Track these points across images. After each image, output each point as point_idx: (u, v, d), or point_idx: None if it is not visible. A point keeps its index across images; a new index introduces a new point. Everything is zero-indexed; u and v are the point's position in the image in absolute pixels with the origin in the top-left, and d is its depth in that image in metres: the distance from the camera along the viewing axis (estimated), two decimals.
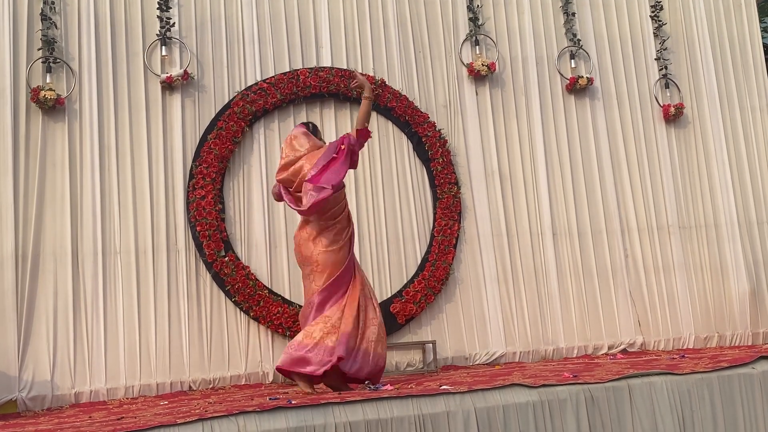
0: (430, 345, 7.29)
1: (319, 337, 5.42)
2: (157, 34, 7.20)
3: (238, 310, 7.01)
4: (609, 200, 8.35)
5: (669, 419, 4.96)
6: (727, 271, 8.54)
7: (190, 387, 6.71)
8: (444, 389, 4.78)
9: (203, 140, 7.14)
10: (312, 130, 5.89)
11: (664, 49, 8.88)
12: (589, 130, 8.47)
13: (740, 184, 8.83)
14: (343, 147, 5.56)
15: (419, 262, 7.64)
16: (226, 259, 6.94)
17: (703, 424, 5.04)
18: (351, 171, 7.47)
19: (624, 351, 7.93)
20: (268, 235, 7.17)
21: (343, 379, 5.57)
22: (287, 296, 7.09)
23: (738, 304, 8.43)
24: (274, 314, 6.94)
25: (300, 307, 6.62)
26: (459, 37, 8.24)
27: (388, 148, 7.80)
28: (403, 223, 7.70)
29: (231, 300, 6.98)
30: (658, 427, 4.92)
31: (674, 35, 9.02)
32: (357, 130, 5.66)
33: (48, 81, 6.72)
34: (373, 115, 7.76)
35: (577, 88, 8.41)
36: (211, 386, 6.76)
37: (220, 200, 7.07)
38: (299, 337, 5.51)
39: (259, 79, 7.46)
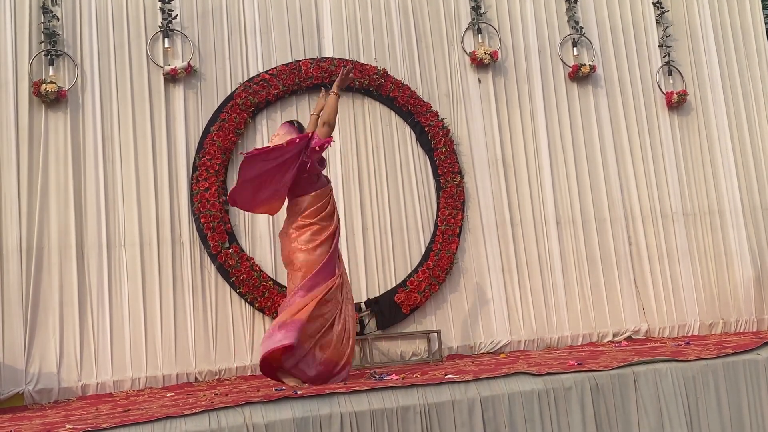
0: (435, 334, 7.30)
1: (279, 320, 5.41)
2: (159, 26, 7.19)
3: (242, 301, 7.02)
4: (612, 188, 8.35)
5: (674, 406, 4.97)
6: (732, 258, 8.53)
7: (196, 378, 6.73)
8: (449, 378, 4.80)
9: (206, 132, 7.14)
10: (298, 126, 5.83)
11: (666, 36, 8.85)
12: (592, 117, 8.46)
13: (744, 170, 8.82)
14: (284, 144, 5.50)
15: (423, 251, 7.64)
16: (231, 250, 6.95)
17: (707, 410, 5.06)
18: (353, 164, 7.53)
19: (629, 338, 7.94)
20: (271, 227, 7.17)
21: (275, 369, 5.51)
22: None
23: (743, 290, 8.43)
24: (279, 305, 6.94)
25: None
26: (461, 26, 8.21)
27: (391, 138, 7.79)
28: (407, 213, 7.70)
29: (236, 291, 6.99)
30: (663, 414, 4.94)
31: (677, 22, 8.99)
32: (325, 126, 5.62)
33: (50, 73, 6.72)
34: (376, 104, 7.78)
35: (580, 75, 8.39)
36: (217, 377, 6.78)
37: (223, 192, 7.07)
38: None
39: (261, 70, 7.46)
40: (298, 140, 5.49)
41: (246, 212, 7.15)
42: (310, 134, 5.59)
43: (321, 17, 7.81)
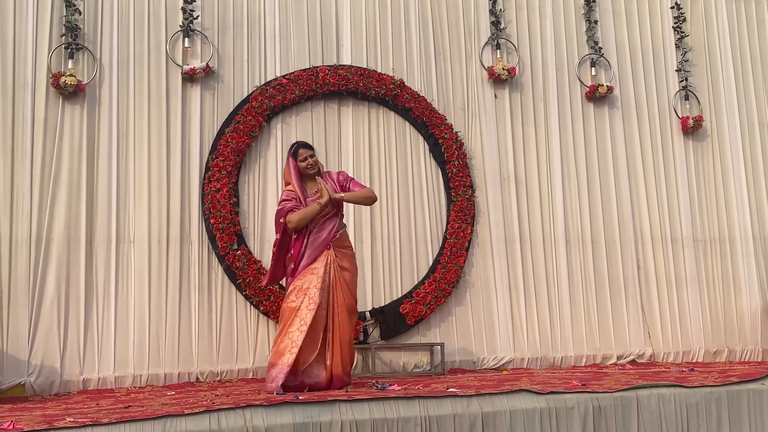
0: (438, 347, 7.28)
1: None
2: (180, 26, 7.22)
3: (248, 303, 7.03)
4: (623, 210, 8.32)
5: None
6: (740, 287, 8.48)
7: (197, 378, 6.73)
8: (451, 392, 4.77)
9: (221, 133, 7.16)
10: (293, 153, 5.81)
11: (685, 61, 8.83)
12: (606, 138, 8.44)
13: (756, 199, 8.76)
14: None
15: (431, 263, 7.63)
16: (239, 252, 6.96)
17: None
18: (364, 173, 7.55)
19: (633, 362, 7.89)
20: None
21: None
22: None
23: (749, 319, 8.37)
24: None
25: None
26: (480, 40, 8.22)
27: (404, 149, 7.80)
28: (417, 224, 7.69)
29: (242, 293, 7.00)
30: None
31: (696, 47, 8.97)
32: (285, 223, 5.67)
33: (69, 67, 6.75)
34: (391, 114, 7.79)
35: (597, 96, 8.38)
36: (218, 379, 6.78)
37: (234, 194, 7.08)
38: None
39: (278, 74, 7.48)
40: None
41: (256, 215, 7.20)
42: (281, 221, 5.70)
43: (340, 24, 7.83)
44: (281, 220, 5.66)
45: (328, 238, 5.68)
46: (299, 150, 5.78)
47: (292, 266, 5.71)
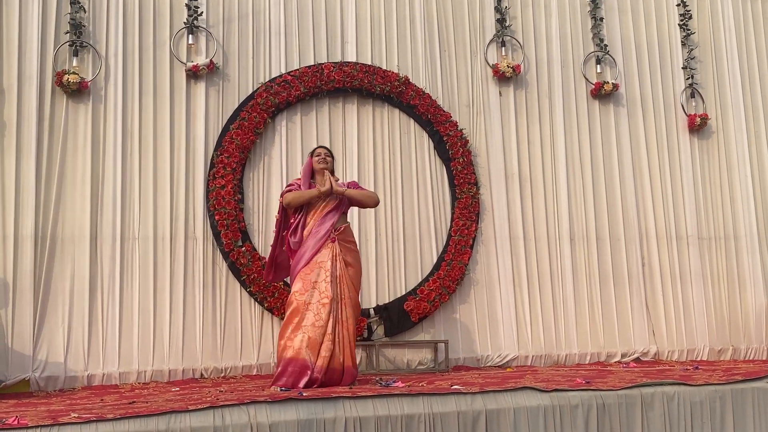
0: (443, 344, 7.28)
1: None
2: (184, 23, 7.23)
3: (252, 300, 7.03)
4: (628, 207, 8.31)
5: (678, 430, 4.93)
6: (745, 284, 8.47)
7: (201, 375, 6.74)
8: (455, 389, 4.77)
9: (225, 130, 7.17)
10: (312, 150, 6.09)
11: (691, 58, 8.81)
12: (612, 136, 8.43)
13: (761, 196, 8.75)
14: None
15: (435, 261, 7.63)
16: (243, 249, 6.96)
17: None
18: (369, 169, 7.55)
19: (637, 360, 7.89)
20: None
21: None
22: None
23: (754, 317, 8.37)
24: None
25: None
26: (485, 38, 8.21)
27: (408, 146, 7.79)
28: (421, 221, 7.69)
29: (246, 290, 7.00)
30: None
31: (702, 45, 8.95)
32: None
33: (74, 64, 6.76)
34: (396, 111, 7.79)
35: (602, 93, 8.36)
36: (222, 375, 6.79)
37: (239, 190, 7.09)
38: None
39: (283, 71, 7.48)
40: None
41: (260, 212, 7.22)
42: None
43: (345, 21, 7.83)
44: (280, 199, 5.88)
45: (330, 230, 5.70)
46: (317, 148, 6.01)
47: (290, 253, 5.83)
